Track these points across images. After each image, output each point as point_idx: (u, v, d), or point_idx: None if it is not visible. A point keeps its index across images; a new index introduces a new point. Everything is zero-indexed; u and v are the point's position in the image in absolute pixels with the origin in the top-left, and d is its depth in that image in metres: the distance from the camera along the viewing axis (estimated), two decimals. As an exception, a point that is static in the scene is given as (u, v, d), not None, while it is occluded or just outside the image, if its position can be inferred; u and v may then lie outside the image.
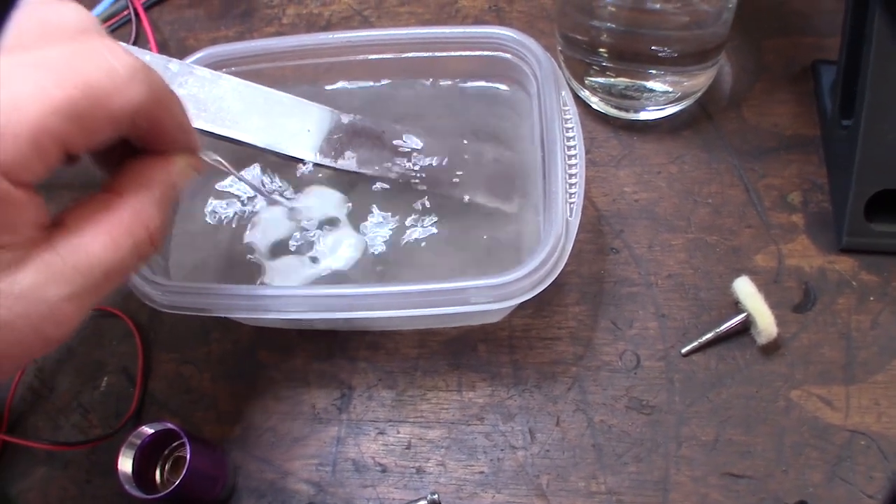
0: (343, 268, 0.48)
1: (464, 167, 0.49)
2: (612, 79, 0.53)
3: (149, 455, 0.45)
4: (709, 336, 0.48)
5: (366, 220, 0.49)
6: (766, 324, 0.46)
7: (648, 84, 0.53)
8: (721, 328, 0.48)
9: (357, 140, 0.50)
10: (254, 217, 0.50)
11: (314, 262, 0.48)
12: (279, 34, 0.64)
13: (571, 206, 0.43)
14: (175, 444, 0.46)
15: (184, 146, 0.36)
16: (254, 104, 0.48)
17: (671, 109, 0.55)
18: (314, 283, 0.47)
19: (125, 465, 0.42)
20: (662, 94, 0.53)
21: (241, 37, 0.64)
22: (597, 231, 0.52)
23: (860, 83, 0.46)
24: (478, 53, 0.50)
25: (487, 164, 0.50)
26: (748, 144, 0.54)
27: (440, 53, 0.51)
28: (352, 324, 0.50)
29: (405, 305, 0.41)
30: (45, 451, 0.49)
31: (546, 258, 0.40)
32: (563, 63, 0.56)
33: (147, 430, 0.43)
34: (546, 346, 0.49)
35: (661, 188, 0.53)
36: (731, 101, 0.56)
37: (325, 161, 0.50)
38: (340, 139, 0.49)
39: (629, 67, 0.52)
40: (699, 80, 0.54)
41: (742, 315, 0.47)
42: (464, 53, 0.50)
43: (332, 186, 0.50)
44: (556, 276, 0.41)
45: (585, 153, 0.46)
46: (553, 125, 0.44)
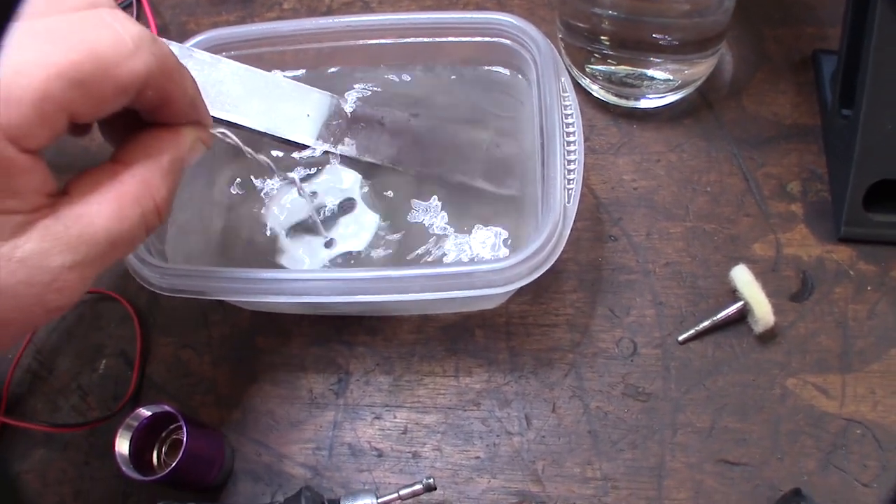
0: (358, 249, 0.48)
1: (463, 153, 0.49)
2: (613, 66, 0.53)
3: (146, 437, 0.45)
4: (706, 324, 0.48)
5: (381, 200, 0.49)
6: (764, 312, 0.46)
7: (649, 72, 0.53)
8: (718, 316, 0.48)
9: (357, 126, 0.50)
10: (269, 198, 0.50)
11: (329, 246, 0.48)
12: (280, 19, 0.64)
13: (570, 193, 0.43)
14: (172, 427, 0.47)
15: (193, 119, 0.36)
16: (253, 88, 0.48)
17: (671, 98, 0.55)
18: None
19: (123, 447, 0.43)
20: (663, 83, 0.53)
21: (242, 21, 0.64)
22: (595, 219, 0.52)
23: (860, 73, 0.46)
24: (478, 39, 0.50)
25: (486, 150, 0.50)
26: (748, 133, 0.54)
27: (440, 39, 0.51)
28: (350, 308, 0.50)
29: (404, 290, 0.41)
30: (44, 433, 0.50)
31: (543, 244, 0.40)
32: (564, 50, 0.56)
33: (145, 413, 0.43)
34: (543, 333, 0.49)
35: (661, 176, 0.53)
36: (732, 90, 0.56)
37: (325, 147, 0.50)
38: (340, 125, 0.49)
39: (630, 55, 0.52)
40: (700, 69, 0.54)
41: (739, 303, 0.47)
42: (464, 39, 0.50)
43: (348, 166, 0.50)
44: (554, 263, 0.41)
45: (585, 141, 0.46)
46: (552, 112, 0.44)
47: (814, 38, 0.57)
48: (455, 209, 0.49)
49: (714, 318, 0.48)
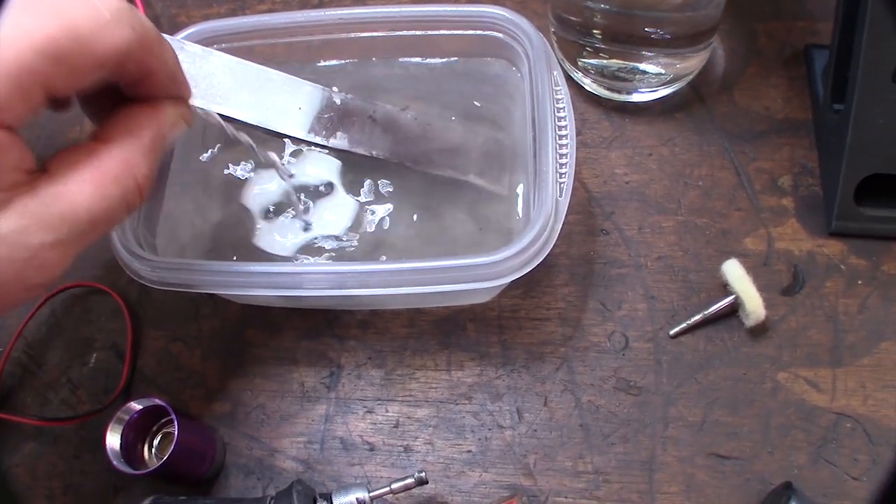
0: (335, 233, 0.48)
1: (454, 146, 0.49)
2: (605, 60, 0.53)
3: (137, 431, 0.45)
4: (697, 318, 0.48)
5: (362, 187, 0.49)
6: (755, 306, 0.46)
7: (641, 66, 0.53)
8: (709, 310, 0.48)
9: (348, 119, 0.49)
10: (249, 178, 0.50)
11: (306, 229, 0.48)
12: (272, 12, 0.64)
13: (561, 187, 0.43)
14: (163, 421, 0.47)
15: (175, 94, 0.36)
16: (245, 81, 0.48)
17: (663, 91, 0.55)
18: (304, 252, 0.48)
19: (113, 441, 0.42)
20: (655, 76, 0.53)
21: (233, 14, 0.64)
22: (587, 212, 0.52)
23: (852, 68, 0.46)
24: (470, 32, 0.50)
25: (478, 144, 0.49)
26: (739, 127, 0.54)
27: (432, 32, 0.51)
28: (341, 302, 0.50)
29: (395, 283, 0.41)
30: (34, 427, 0.49)
31: (535, 238, 0.40)
32: (556, 44, 0.56)
33: (135, 407, 0.43)
34: (535, 327, 0.49)
35: (652, 170, 0.53)
36: (724, 84, 0.56)
37: (317, 140, 0.49)
38: (331, 118, 0.49)
39: (622, 49, 0.52)
40: (692, 63, 0.54)
41: (731, 297, 0.47)
42: (456, 32, 0.50)
43: (330, 153, 0.50)
44: (546, 257, 0.41)
45: (577, 134, 0.46)
46: (544, 105, 0.44)
47: (805, 33, 0.57)
48: (442, 201, 0.49)
49: (705, 312, 0.48)
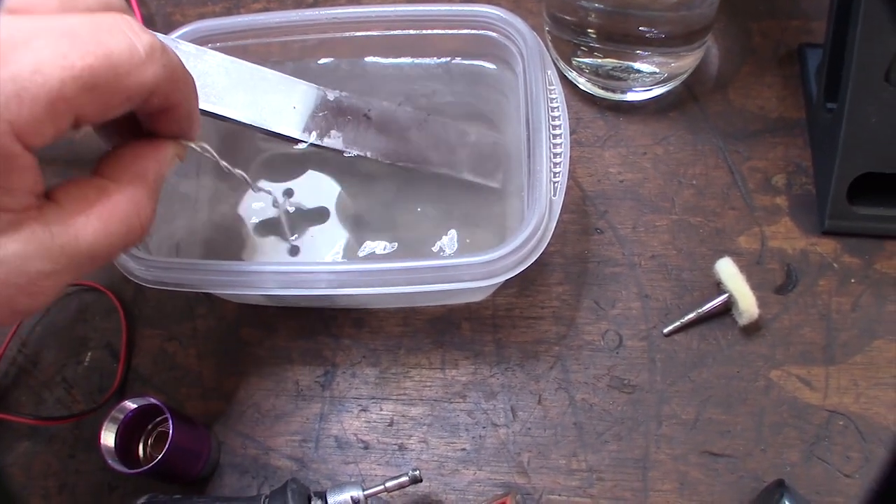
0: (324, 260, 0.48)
1: (449, 145, 0.49)
2: (600, 59, 0.53)
3: (132, 430, 0.45)
4: (691, 316, 0.48)
5: (353, 209, 0.49)
6: (748, 305, 0.46)
7: (635, 65, 0.53)
8: (703, 309, 0.48)
9: (343, 118, 0.49)
10: (245, 190, 0.50)
11: (293, 254, 0.49)
12: (266, 11, 0.64)
13: (556, 186, 0.43)
14: (158, 420, 0.47)
15: (186, 130, 0.36)
16: (239, 80, 0.48)
17: (658, 91, 0.55)
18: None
19: (108, 440, 0.42)
20: (649, 76, 0.53)
21: (228, 12, 0.64)
22: (581, 211, 0.52)
23: (845, 67, 0.46)
24: (464, 32, 0.50)
25: (472, 143, 0.50)
26: (733, 126, 0.54)
27: (427, 31, 0.51)
28: (336, 301, 0.50)
29: (389, 283, 0.41)
30: (29, 426, 0.49)
31: (529, 237, 0.41)
32: (551, 43, 0.56)
33: (130, 406, 0.43)
34: (529, 326, 0.49)
35: (647, 169, 0.53)
36: (718, 83, 0.56)
37: (311, 139, 0.49)
38: (326, 117, 0.49)
39: (616, 48, 0.52)
40: (686, 62, 0.54)
41: (724, 296, 0.47)
42: (450, 31, 0.50)
43: (327, 172, 0.50)
44: (540, 256, 0.41)
45: (571, 133, 0.46)
46: (538, 104, 0.44)
47: (799, 32, 0.58)
48: (436, 201, 0.49)
49: (699, 311, 0.48)
